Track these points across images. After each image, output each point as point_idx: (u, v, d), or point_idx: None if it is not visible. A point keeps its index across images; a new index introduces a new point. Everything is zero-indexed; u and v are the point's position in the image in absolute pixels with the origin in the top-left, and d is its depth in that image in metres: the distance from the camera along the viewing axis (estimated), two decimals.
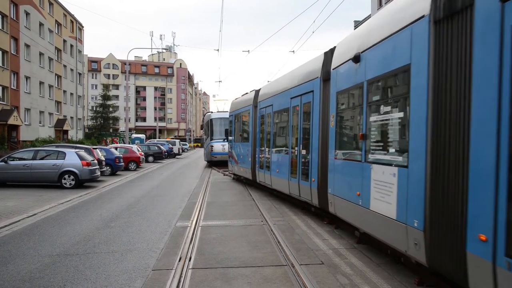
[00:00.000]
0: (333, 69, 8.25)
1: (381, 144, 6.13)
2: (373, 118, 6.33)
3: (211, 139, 29.10)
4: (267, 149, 13.60)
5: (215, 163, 29.16)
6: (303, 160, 10.10)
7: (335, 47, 8.55)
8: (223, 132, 27.45)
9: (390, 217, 5.64)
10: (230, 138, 20.61)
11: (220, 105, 50.55)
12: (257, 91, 15.58)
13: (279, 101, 12.28)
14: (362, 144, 6.69)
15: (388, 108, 5.90)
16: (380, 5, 43.52)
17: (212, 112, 31.88)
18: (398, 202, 5.46)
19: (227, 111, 30.13)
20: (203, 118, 33.79)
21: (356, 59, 6.87)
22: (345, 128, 7.88)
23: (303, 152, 10.07)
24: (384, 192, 5.83)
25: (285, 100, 11.60)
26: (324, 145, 8.87)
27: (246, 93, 18.25)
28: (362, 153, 6.66)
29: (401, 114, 5.55)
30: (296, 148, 10.55)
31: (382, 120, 6.05)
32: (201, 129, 32.48)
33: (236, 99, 20.29)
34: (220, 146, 28.14)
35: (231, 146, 20.32)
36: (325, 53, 9.15)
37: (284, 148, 11.86)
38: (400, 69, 5.56)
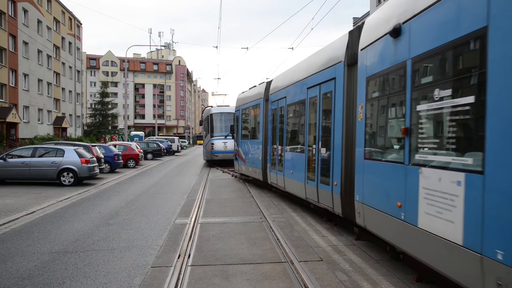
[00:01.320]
0: (361, 50, 6.91)
1: (436, 141, 4.71)
2: (422, 106, 4.95)
3: (212, 136, 26.58)
4: (279, 147, 12.16)
5: (217, 162, 26.95)
6: (322, 160, 8.68)
7: (362, 23, 7.12)
8: (224, 128, 26.05)
9: (451, 241, 4.27)
10: (236, 135, 19.30)
11: (219, 100, 48.11)
12: (269, 83, 14.14)
13: (293, 92, 10.90)
14: (405, 141, 5.29)
15: (448, 92, 4.45)
16: (379, 1, 43.49)
17: (211, 106, 29.06)
18: (466, 222, 4.08)
19: (228, 105, 28.63)
20: (202, 113, 31.05)
21: (396, 32, 5.52)
22: (378, 121, 6.41)
23: (323, 150, 8.65)
24: (442, 206, 4.46)
25: (300, 91, 10.24)
26: (349, 142, 7.58)
27: (255, 86, 16.90)
28: (405, 152, 5.27)
29: (471, 99, 4.10)
30: (314, 146, 9.16)
31: (438, 109, 4.63)
32: (201, 125, 29.89)
33: (242, 92, 18.78)
34: (221, 144, 25.93)
35: (237, 143, 18.78)
36: (350, 33, 7.81)
37: (299, 146, 10.46)
38: (468, 36, 4.15)
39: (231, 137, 22.86)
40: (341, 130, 7.82)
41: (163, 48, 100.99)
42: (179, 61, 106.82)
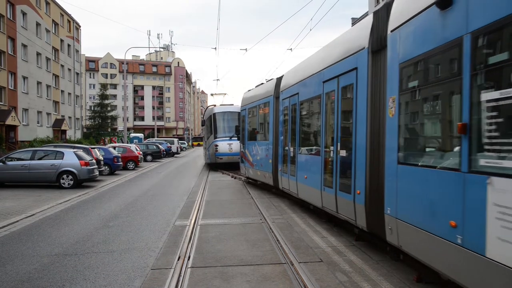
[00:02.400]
0: (391, 32, 5.76)
1: None
2: (489, 95, 3.77)
3: (215, 137, 24.93)
4: (292, 149, 11.09)
5: (221, 165, 25.18)
6: (342, 164, 7.57)
7: (392, 0, 6.01)
8: (228, 128, 24.53)
9: None
10: (242, 136, 17.97)
11: (218, 99, 46.19)
12: (279, 79, 13.08)
13: (307, 87, 9.83)
14: (461, 141, 4.13)
15: None
16: (378, 2, 43.55)
17: (214, 105, 27.25)
18: None
19: (232, 104, 27.25)
20: (204, 113, 28.58)
21: (445, 1, 4.39)
22: (419, 116, 5.26)
23: (343, 153, 7.52)
24: None
25: (315, 85, 9.13)
26: (376, 143, 6.46)
27: (262, 83, 15.77)
28: (462, 156, 4.11)
29: None
30: (332, 148, 7.98)
31: None
32: (203, 125, 27.87)
33: (249, 90, 17.57)
34: (226, 146, 24.22)
35: (244, 145, 17.38)
36: (375, 13, 6.66)
37: (314, 148, 9.49)
38: None
39: (236, 138, 21.75)
40: (365, 129, 6.64)
41: (162, 50, 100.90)
42: (178, 62, 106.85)
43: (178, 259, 6.56)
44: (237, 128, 20.45)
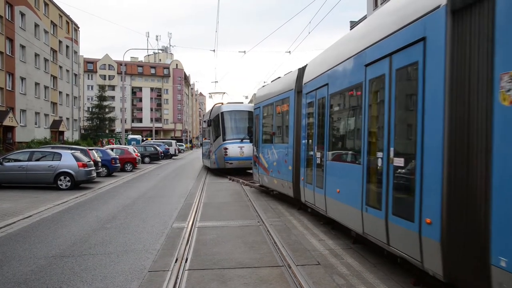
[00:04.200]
0: None
1: None
2: None
3: (224, 139, 22.18)
4: (318, 154, 9.04)
5: (229, 171, 22.52)
6: (398, 176, 5.55)
7: None
8: (238, 129, 22.28)
9: None
10: (255, 138, 15.88)
11: (217, 98, 45.84)
12: (302, 69, 10.95)
13: (341, 76, 7.86)
14: None
15: None
16: (376, 5, 43.69)
17: (222, 103, 24.20)
18: None
19: (241, 102, 25.50)
20: (210, 112, 25.14)
21: None
22: None
23: (398, 161, 5.50)
24: None
25: (353, 71, 7.19)
26: (462, 147, 4.49)
27: (278, 77, 13.88)
28: None
29: None
30: (380, 154, 5.99)
31: None
32: (209, 125, 24.60)
33: (263, 86, 15.74)
34: (236, 149, 21.68)
35: (257, 148, 15.20)
36: None
37: (351, 153, 7.41)
38: None
39: (248, 141, 20.05)
40: (441, 126, 4.61)
41: (160, 51, 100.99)
42: (177, 64, 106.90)
43: (176, 261, 6.55)
44: (249, 129, 18.77)
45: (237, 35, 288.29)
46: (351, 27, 53.44)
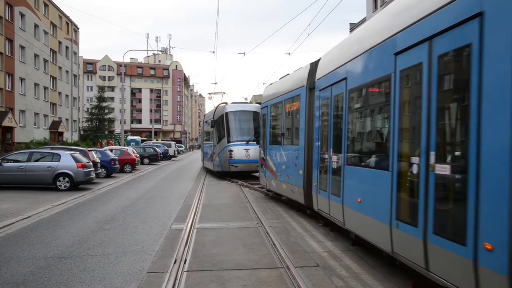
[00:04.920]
0: None
1: None
2: None
3: (229, 141, 21.05)
4: (335, 158, 7.99)
5: (233, 174, 21.41)
6: (441, 187, 4.62)
7: None
8: (243, 130, 21.23)
9: None
10: (262, 139, 14.77)
11: (216, 98, 43.77)
12: (314, 64, 10.06)
13: (363, 68, 6.85)
14: None
15: None
16: (376, 7, 43.77)
17: (226, 103, 23.07)
18: None
19: (246, 102, 24.79)
20: (214, 112, 23.89)
21: None
22: None
23: (442, 168, 4.55)
24: None
25: (379, 62, 6.18)
26: None
27: (288, 74, 12.82)
28: None
29: None
30: (416, 159, 5.02)
31: None
32: (212, 126, 23.28)
33: (271, 84, 14.72)
34: (242, 151, 20.57)
35: (264, 150, 14.21)
36: None
37: (376, 157, 6.42)
38: None
39: (254, 143, 19.35)
40: (509, 124, 3.65)
41: (160, 53, 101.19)
42: (176, 65, 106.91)
43: (175, 263, 6.55)
44: (256, 129, 17.98)
45: (237, 36, 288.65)
46: (351, 29, 53.53)
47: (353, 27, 53.04)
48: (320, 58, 9.76)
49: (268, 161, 13.73)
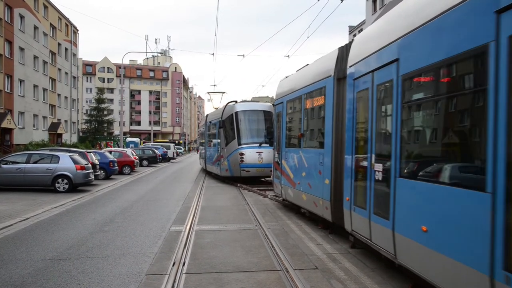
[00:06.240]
0: None
1: None
2: None
3: (240, 143, 19.23)
4: (379, 166, 6.13)
5: (245, 179, 19.55)
6: None
7: None
8: (255, 132, 19.55)
9: None
10: (277, 140, 13.03)
11: (216, 98, 43.71)
12: (344, 48, 8.33)
13: (429, 42, 4.91)
14: None
15: None
16: (375, 10, 43.85)
17: (236, 102, 21.13)
18: None
19: (257, 101, 22.47)
20: (222, 111, 21.41)
21: None
22: None
23: None
24: None
25: (462, 28, 4.34)
26: None
27: (306, 64, 11.13)
28: None
29: None
30: None
31: None
32: (220, 127, 21.17)
33: (286, 77, 12.77)
34: (255, 155, 18.80)
35: (279, 153, 12.42)
36: None
37: (454, 171, 4.56)
38: None
39: (267, 145, 18.31)
40: None
41: (159, 55, 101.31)
42: (175, 67, 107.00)
43: (173, 265, 6.54)
44: (269, 130, 16.69)
45: (236, 38, 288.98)
46: (350, 32, 53.69)
47: (352, 29, 53.17)
48: (352, 39, 8.09)
49: (283, 166, 11.91)
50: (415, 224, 5.02)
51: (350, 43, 8.04)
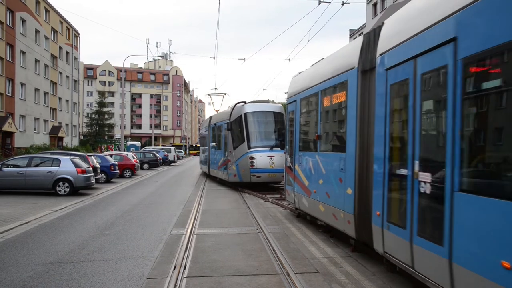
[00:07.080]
0: None
1: None
2: None
3: (250, 147, 17.99)
4: (426, 176, 4.91)
5: (255, 185, 18.41)
6: None
7: None
8: (266, 134, 18.42)
9: None
10: (290, 143, 11.73)
11: (217, 100, 40.82)
12: (373, 33, 6.92)
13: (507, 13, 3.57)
14: None
15: None
16: (375, 14, 43.94)
17: (245, 102, 19.57)
18: None
19: (266, 101, 21.17)
20: (230, 112, 19.84)
21: None
22: None
23: None
24: None
25: None
26: None
27: (322, 58, 9.88)
28: None
29: None
30: None
31: None
32: (228, 129, 19.54)
33: (300, 73, 11.52)
34: (266, 159, 17.60)
35: (292, 158, 11.23)
36: None
37: None
38: None
39: (279, 149, 17.39)
40: None
41: (160, 58, 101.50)
42: (176, 71, 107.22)
43: (174, 269, 6.54)
44: (280, 132, 15.86)
45: (237, 42, 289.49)
46: (351, 35, 53.82)
47: (353, 33, 53.31)
48: (383, 22, 6.60)
49: (297, 172, 10.66)
50: (489, 257, 3.75)
51: (380, 27, 6.63)
